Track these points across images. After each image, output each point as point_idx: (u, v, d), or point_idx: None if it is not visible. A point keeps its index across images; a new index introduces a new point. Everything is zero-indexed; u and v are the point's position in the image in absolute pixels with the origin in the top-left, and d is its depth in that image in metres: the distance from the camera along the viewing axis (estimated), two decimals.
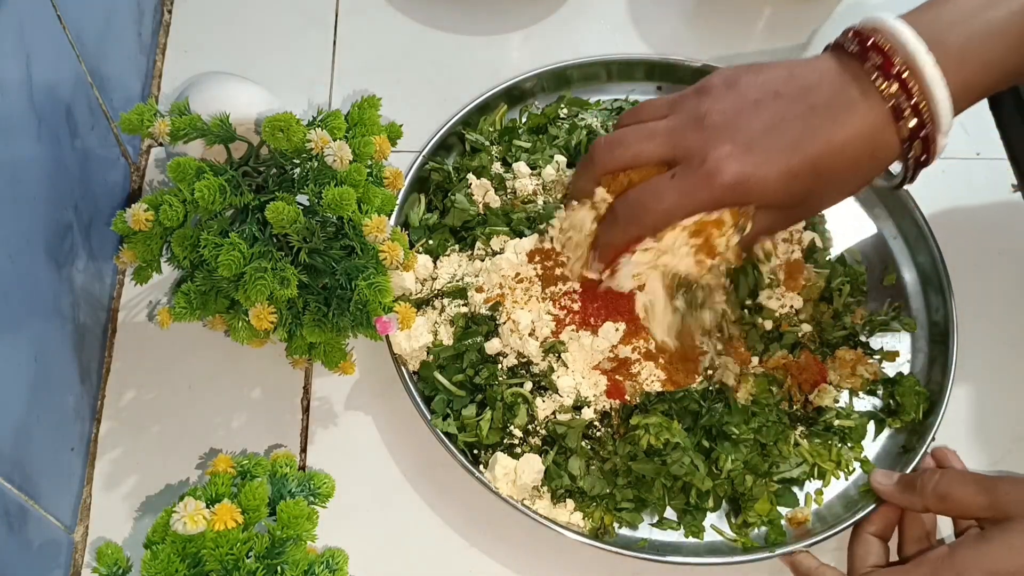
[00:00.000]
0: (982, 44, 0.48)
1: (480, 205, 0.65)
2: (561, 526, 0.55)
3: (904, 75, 0.47)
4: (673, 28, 0.80)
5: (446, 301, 0.62)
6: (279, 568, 0.46)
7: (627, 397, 0.59)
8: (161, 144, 0.70)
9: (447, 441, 0.57)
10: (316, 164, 0.53)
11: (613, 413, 0.59)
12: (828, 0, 0.82)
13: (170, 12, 0.77)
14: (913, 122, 0.48)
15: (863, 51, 0.49)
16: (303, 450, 0.61)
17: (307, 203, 0.53)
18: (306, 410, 0.62)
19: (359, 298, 0.52)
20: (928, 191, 0.69)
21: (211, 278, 0.53)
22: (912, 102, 0.48)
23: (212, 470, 0.50)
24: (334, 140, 0.52)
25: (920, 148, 0.49)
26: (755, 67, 0.52)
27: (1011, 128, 0.76)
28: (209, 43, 0.76)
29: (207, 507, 0.45)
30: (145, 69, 0.73)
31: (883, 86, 0.48)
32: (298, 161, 0.55)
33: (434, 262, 0.63)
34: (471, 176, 0.66)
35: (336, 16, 0.78)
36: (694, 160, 0.49)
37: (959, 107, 0.49)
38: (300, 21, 0.78)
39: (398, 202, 0.65)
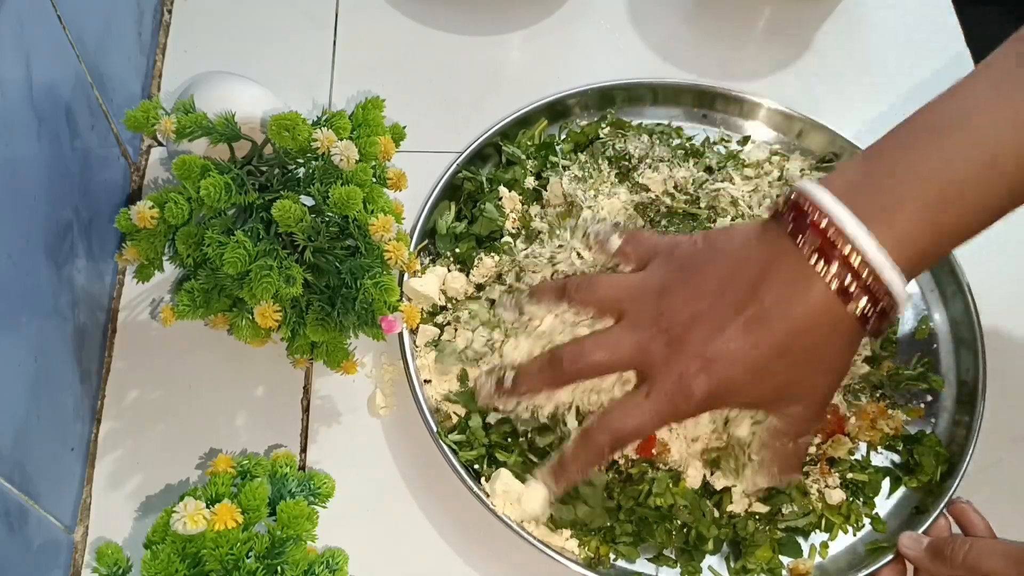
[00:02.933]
0: (935, 214, 0.46)
1: (509, 219, 0.65)
2: (555, 551, 0.55)
3: (847, 257, 0.46)
4: (673, 28, 0.80)
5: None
6: (279, 568, 0.46)
7: (653, 451, 0.57)
8: (162, 144, 0.70)
9: (450, 455, 0.56)
10: (321, 163, 0.53)
11: (624, 460, 0.57)
12: (828, 0, 0.82)
13: (170, 12, 0.77)
14: (863, 301, 0.46)
15: (799, 230, 0.47)
16: (303, 450, 0.61)
17: (311, 202, 0.53)
18: (306, 410, 0.62)
19: (364, 297, 0.52)
20: None
21: (214, 276, 0.53)
22: (860, 282, 0.46)
23: (212, 470, 0.50)
24: (339, 140, 0.52)
25: (878, 320, 0.47)
26: (702, 256, 0.52)
27: None
28: (209, 43, 0.76)
29: (207, 507, 0.45)
30: (145, 69, 0.73)
31: (823, 270, 0.46)
32: (302, 160, 0.55)
33: (466, 273, 0.63)
34: (502, 188, 0.66)
35: (336, 16, 0.78)
36: (666, 378, 0.50)
37: (913, 274, 0.47)
38: (300, 21, 0.78)
39: (427, 207, 0.65)
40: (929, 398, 0.64)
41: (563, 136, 0.71)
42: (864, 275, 0.46)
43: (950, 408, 0.64)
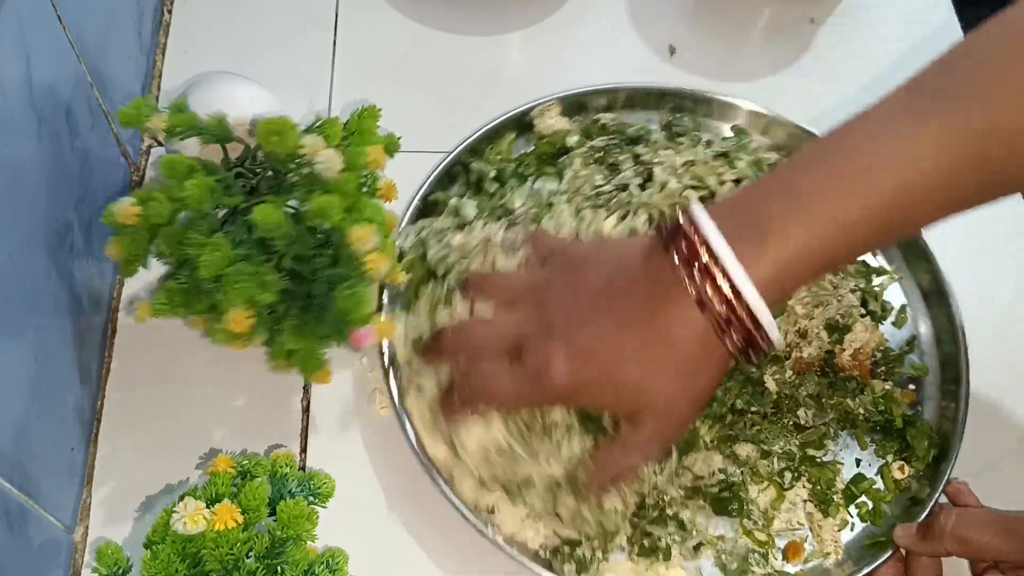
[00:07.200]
0: (805, 240, 0.45)
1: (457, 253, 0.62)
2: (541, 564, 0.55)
3: (707, 267, 0.46)
4: (673, 28, 0.80)
5: None
6: (279, 568, 0.46)
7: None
8: (161, 144, 0.70)
9: (437, 478, 0.56)
10: (307, 171, 0.53)
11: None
12: (828, 0, 0.82)
13: (170, 12, 0.77)
14: (721, 309, 0.46)
15: (674, 245, 0.47)
16: (303, 450, 0.61)
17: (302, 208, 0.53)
18: (306, 410, 0.62)
19: (337, 308, 0.51)
20: None
21: (194, 277, 0.52)
22: (726, 304, 0.46)
23: (212, 470, 0.50)
24: (329, 148, 0.52)
25: (742, 340, 0.47)
26: (590, 256, 0.53)
27: None
28: (209, 43, 0.76)
29: (207, 507, 0.45)
30: (145, 69, 0.73)
31: (689, 284, 0.46)
32: (293, 166, 0.54)
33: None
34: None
35: (336, 16, 0.78)
36: (532, 356, 0.50)
37: (781, 298, 0.47)
38: (300, 21, 0.78)
39: (403, 223, 0.64)
40: (912, 387, 0.65)
41: (531, 148, 0.70)
42: (730, 296, 0.45)
43: (935, 396, 0.64)
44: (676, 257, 0.47)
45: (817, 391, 0.62)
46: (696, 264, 0.46)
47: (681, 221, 0.47)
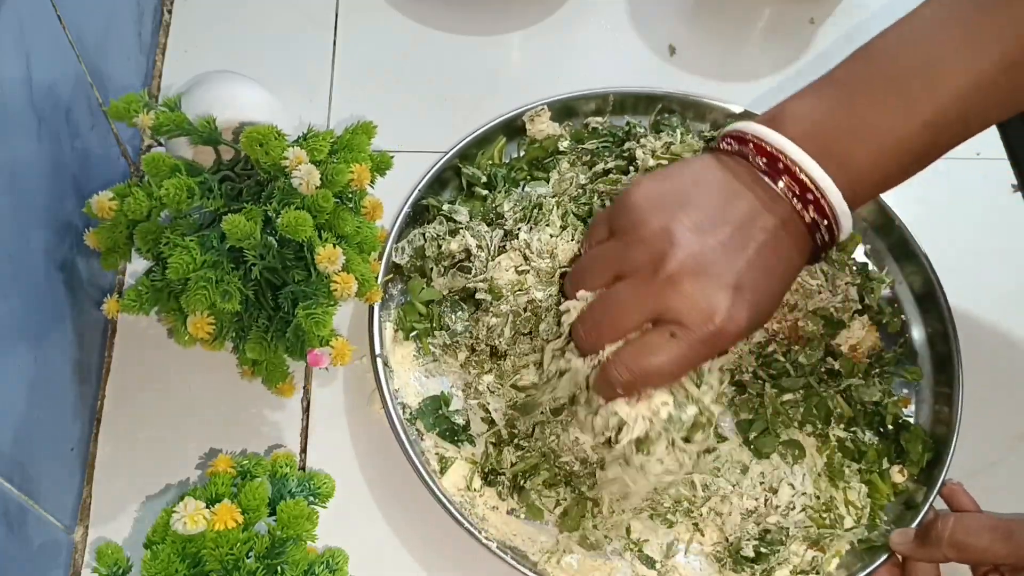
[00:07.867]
0: (884, 165, 0.50)
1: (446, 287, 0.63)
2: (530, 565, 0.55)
3: (819, 200, 0.49)
4: (673, 28, 0.81)
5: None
6: (279, 568, 0.46)
7: None
8: (161, 144, 0.70)
9: (428, 479, 0.56)
10: (282, 183, 0.52)
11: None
12: (828, 0, 0.82)
13: (170, 12, 0.77)
14: (823, 223, 0.50)
15: (774, 174, 0.50)
16: (303, 450, 0.61)
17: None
18: (306, 410, 0.62)
19: (297, 325, 0.51)
20: (928, 191, 0.69)
21: (165, 277, 0.52)
22: (823, 214, 0.50)
23: (212, 470, 0.50)
24: (313, 161, 0.51)
25: (827, 235, 0.51)
26: (674, 196, 0.51)
27: (1011, 128, 0.76)
28: (209, 43, 0.76)
29: (207, 507, 0.45)
30: (145, 69, 0.73)
31: (802, 211, 0.50)
32: (280, 175, 0.53)
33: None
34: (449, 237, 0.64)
35: (336, 16, 0.78)
36: (694, 318, 0.48)
37: (856, 200, 0.51)
38: (300, 21, 0.78)
39: (394, 233, 0.63)
40: (906, 391, 0.64)
41: (523, 153, 0.70)
42: (825, 208, 0.50)
43: (929, 400, 0.64)
44: (788, 192, 0.49)
45: (815, 363, 0.62)
46: (805, 194, 0.49)
47: (769, 149, 0.50)
